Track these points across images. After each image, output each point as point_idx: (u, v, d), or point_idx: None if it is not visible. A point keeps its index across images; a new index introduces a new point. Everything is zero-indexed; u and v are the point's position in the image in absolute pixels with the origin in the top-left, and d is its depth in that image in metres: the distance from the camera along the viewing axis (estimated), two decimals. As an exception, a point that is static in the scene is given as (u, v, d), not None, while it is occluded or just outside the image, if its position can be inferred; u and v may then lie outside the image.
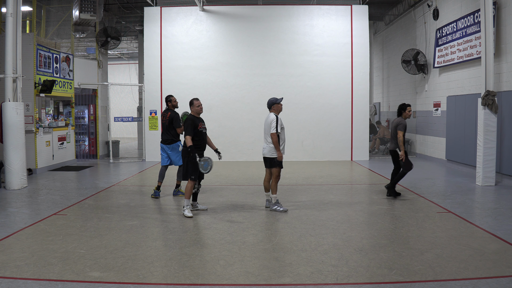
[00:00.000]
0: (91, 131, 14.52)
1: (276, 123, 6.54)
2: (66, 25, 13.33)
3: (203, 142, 6.69)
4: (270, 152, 6.69)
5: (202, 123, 6.66)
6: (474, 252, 4.71)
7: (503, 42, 9.37)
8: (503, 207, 6.88)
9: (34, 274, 4.16)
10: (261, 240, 5.24)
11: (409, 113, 7.74)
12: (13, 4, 8.71)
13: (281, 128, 6.66)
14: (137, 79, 20.77)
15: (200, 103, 6.67)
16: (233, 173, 11.05)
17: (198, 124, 6.56)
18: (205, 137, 6.74)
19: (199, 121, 6.61)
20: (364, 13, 13.64)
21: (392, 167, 8.06)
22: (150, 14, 13.77)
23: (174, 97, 8.25)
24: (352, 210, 6.88)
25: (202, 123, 6.67)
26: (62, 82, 12.46)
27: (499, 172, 9.30)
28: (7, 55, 8.75)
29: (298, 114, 13.70)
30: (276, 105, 6.73)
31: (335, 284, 3.93)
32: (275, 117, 6.59)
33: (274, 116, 6.61)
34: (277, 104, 6.73)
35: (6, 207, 7.19)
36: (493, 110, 8.67)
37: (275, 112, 6.73)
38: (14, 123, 8.76)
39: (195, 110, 6.64)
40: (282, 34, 13.68)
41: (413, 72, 13.59)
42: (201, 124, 6.63)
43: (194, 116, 6.62)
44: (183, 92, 13.60)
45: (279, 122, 6.59)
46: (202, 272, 4.22)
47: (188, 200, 6.48)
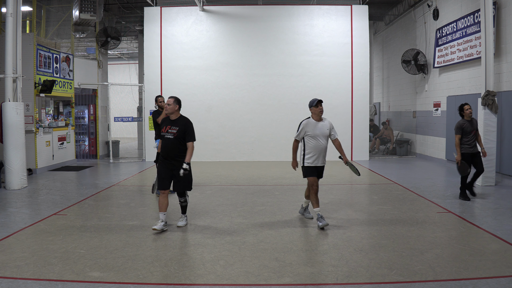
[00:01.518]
0: (91, 131, 14.52)
1: (298, 129, 5.92)
2: (66, 25, 13.33)
3: (166, 148, 5.63)
4: (300, 158, 6.07)
5: (170, 126, 5.65)
6: (474, 252, 4.71)
7: (503, 42, 9.37)
8: (503, 207, 6.88)
9: (34, 274, 4.16)
10: (261, 240, 5.24)
11: (468, 112, 7.39)
12: (13, 4, 8.71)
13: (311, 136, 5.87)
14: (137, 79, 20.77)
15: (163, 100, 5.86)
16: (233, 173, 11.05)
17: (163, 127, 5.70)
18: (168, 143, 5.61)
19: (167, 124, 5.70)
20: (364, 13, 13.63)
21: None
22: (150, 14, 13.77)
23: (161, 98, 8.00)
24: (352, 210, 6.88)
25: (171, 126, 5.65)
26: (62, 82, 12.46)
27: (499, 172, 9.30)
28: (7, 55, 8.75)
29: (298, 114, 13.60)
30: (312, 109, 5.92)
31: (335, 284, 3.93)
32: (301, 122, 5.94)
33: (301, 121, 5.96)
34: (313, 107, 5.90)
35: (6, 207, 7.19)
36: (493, 110, 8.67)
37: (312, 116, 5.96)
38: (14, 123, 8.76)
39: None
40: (282, 34, 13.68)
41: (413, 72, 13.59)
42: (168, 127, 5.65)
43: (167, 118, 5.80)
44: (183, 92, 13.61)
45: (304, 128, 5.87)
46: (202, 272, 4.22)
47: (161, 213, 5.67)
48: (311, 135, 5.87)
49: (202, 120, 13.64)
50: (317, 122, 5.93)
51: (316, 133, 5.88)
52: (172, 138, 5.57)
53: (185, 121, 5.70)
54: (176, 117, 5.72)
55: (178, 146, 5.59)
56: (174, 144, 5.57)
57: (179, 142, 5.59)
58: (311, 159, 5.95)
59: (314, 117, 5.96)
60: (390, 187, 8.84)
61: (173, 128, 5.60)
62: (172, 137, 5.57)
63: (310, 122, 5.93)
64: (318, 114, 5.93)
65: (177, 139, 5.57)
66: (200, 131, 13.57)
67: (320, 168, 6.06)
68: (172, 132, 5.58)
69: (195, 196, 8.06)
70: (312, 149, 5.91)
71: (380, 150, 15.80)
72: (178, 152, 5.60)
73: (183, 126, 5.63)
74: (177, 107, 5.71)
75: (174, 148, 5.58)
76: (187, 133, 5.62)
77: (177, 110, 5.72)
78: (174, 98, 5.74)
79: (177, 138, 5.57)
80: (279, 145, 13.68)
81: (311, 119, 5.96)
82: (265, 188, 8.87)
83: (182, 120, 5.71)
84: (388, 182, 9.46)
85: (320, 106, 5.91)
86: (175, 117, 5.71)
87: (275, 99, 13.69)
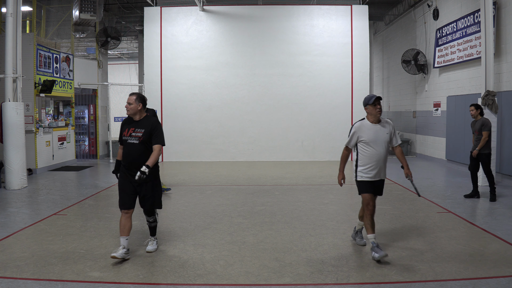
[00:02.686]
0: (91, 131, 14.52)
1: (349, 134, 4.79)
2: (66, 25, 13.33)
3: (129, 156, 4.64)
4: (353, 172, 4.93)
5: (134, 129, 4.65)
6: (474, 252, 4.71)
7: (503, 42, 9.37)
8: (503, 207, 6.88)
9: (34, 274, 4.16)
10: (261, 240, 5.24)
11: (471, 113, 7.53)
12: (13, 4, 8.71)
13: (366, 143, 4.68)
14: (137, 79, 20.77)
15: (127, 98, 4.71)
16: (233, 173, 11.05)
17: (125, 130, 4.71)
18: (132, 150, 4.60)
19: (129, 126, 4.70)
20: (364, 13, 13.63)
21: None
22: (150, 14, 13.77)
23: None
24: (352, 210, 6.87)
25: (134, 128, 4.66)
26: (62, 82, 12.46)
27: (499, 172, 9.30)
28: (7, 55, 8.74)
29: (298, 114, 13.70)
30: (369, 108, 4.70)
31: (335, 284, 3.93)
32: (353, 124, 4.86)
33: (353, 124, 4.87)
34: (369, 105, 4.69)
35: (6, 207, 7.19)
36: (493, 110, 8.66)
37: (368, 117, 4.77)
38: (14, 123, 8.76)
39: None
40: (282, 34, 13.68)
41: (413, 72, 13.59)
42: (131, 130, 4.66)
43: (129, 118, 4.79)
44: (183, 92, 13.64)
45: (356, 133, 4.71)
46: (202, 272, 4.22)
47: (122, 238, 4.60)
48: (365, 141, 4.68)
49: (202, 120, 13.65)
50: (373, 124, 4.70)
51: (372, 138, 4.66)
52: (136, 143, 4.59)
53: (152, 122, 4.72)
54: (140, 118, 4.74)
55: (144, 152, 4.60)
56: (139, 150, 4.58)
57: (145, 147, 4.61)
58: (367, 171, 4.74)
59: (370, 118, 4.73)
60: (390, 187, 8.84)
61: (137, 131, 4.64)
62: (136, 141, 4.60)
63: (365, 124, 4.72)
64: (376, 114, 4.67)
65: (143, 143, 4.60)
66: (200, 131, 13.70)
67: (379, 183, 4.82)
68: (137, 135, 4.62)
69: (195, 196, 8.06)
70: (368, 159, 4.71)
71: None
72: (143, 161, 4.55)
73: (149, 127, 4.66)
74: (140, 106, 4.68)
75: (139, 155, 4.58)
76: (155, 135, 4.65)
77: (141, 110, 4.71)
78: (136, 96, 4.71)
79: (143, 143, 4.60)
80: (279, 145, 13.69)
81: (366, 120, 4.76)
82: (265, 188, 8.87)
83: (147, 120, 4.73)
84: (388, 182, 9.42)
85: (378, 104, 4.66)
86: (139, 118, 4.73)
87: (275, 99, 13.69)
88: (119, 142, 4.81)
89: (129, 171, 4.63)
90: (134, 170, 4.55)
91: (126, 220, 4.66)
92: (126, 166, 4.66)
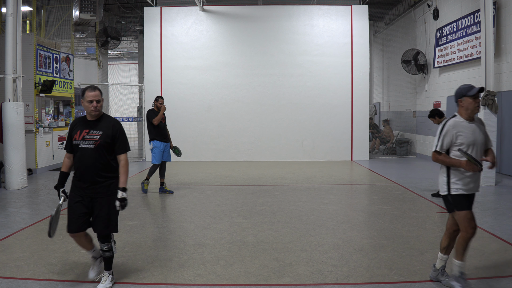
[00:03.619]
0: (91, 131, 14.49)
1: (440, 135, 3.78)
2: (66, 25, 13.33)
3: (81, 166, 3.73)
4: (441, 184, 3.89)
5: (88, 131, 3.75)
6: (474, 252, 4.71)
7: (503, 42, 9.37)
8: (503, 207, 6.88)
9: (34, 274, 4.16)
10: (261, 240, 5.24)
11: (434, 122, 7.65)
12: (13, 4, 8.71)
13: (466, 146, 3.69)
14: (137, 79, 20.78)
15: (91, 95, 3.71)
16: (233, 173, 11.05)
17: (76, 133, 3.77)
18: (86, 157, 3.70)
19: (82, 127, 3.78)
20: (364, 13, 13.64)
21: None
22: (150, 14, 13.77)
23: (162, 100, 8.24)
24: (352, 210, 6.88)
25: (89, 130, 3.75)
26: (62, 82, 12.46)
27: (499, 172, 9.30)
28: (7, 55, 8.75)
29: (298, 114, 13.70)
30: (466, 100, 3.73)
31: (335, 284, 3.93)
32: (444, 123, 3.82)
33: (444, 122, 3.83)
34: (468, 97, 3.72)
35: (6, 207, 7.19)
36: (493, 110, 8.67)
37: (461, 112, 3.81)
38: (14, 123, 8.76)
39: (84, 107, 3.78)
40: (282, 34, 13.68)
41: (413, 72, 13.59)
42: (85, 132, 3.74)
43: (81, 119, 3.87)
44: (183, 92, 13.63)
45: (450, 132, 3.73)
46: (202, 272, 4.22)
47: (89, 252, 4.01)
48: (463, 144, 3.70)
49: (202, 120, 13.66)
50: (469, 123, 3.76)
51: (471, 140, 3.71)
52: (91, 148, 3.69)
53: (112, 123, 3.82)
54: (97, 117, 3.80)
55: (100, 161, 3.71)
56: (94, 158, 3.69)
57: (101, 154, 3.71)
58: (466, 182, 3.76)
59: (465, 114, 3.78)
60: (390, 187, 8.84)
61: (92, 133, 3.72)
62: (91, 146, 3.69)
63: (460, 123, 3.76)
64: (474, 110, 3.74)
65: (99, 149, 3.70)
66: (200, 131, 13.70)
67: (473, 197, 3.91)
68: (92, 138, 3.70)
69: (195, 196, 8.06)
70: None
71: (380, 150, 15.81)
72: (101, 171, 3.72)
73: (110, 129, 3.76)
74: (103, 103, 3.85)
75: (94, 164, 3.70)
76: (118, 141, 3.78)
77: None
78: (99, 90, 3.82)
79: (99, 149, 3.70)
80: (279, 145, 13.69)
81: (459, 118, 3.80)
82: (265, 188, 8.87)
83: (106, 121, 3.81)
84: (388, 182, 9.46)
85: (478, 98, 3.77)
86: (95, 117, 3.79)
87: (275, 99, 13.69)
88: (65, 148, 3.88)
89: (81, 183, 3.73)
90: (88, 184, 3.71)
91: (81, 239, 3.87)
92: (78, 177, 3.76)
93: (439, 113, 7.66)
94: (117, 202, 3.71)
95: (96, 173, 3.71)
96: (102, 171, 3.73)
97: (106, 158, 3.75)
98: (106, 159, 3.75)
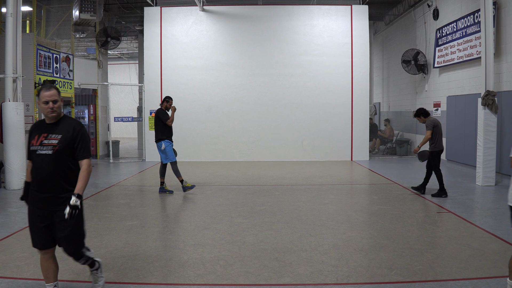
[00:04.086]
0: (91, 131, 14.52)
1: None
2: (66, 25, 13.33)
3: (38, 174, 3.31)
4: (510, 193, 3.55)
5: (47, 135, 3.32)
6: (474, 252, 4.71)
7: (503, 42, 9.37)
8: (503, 207, 6.87)
9: (34, 274, 4.16)
10: (261, 240, 5.24)
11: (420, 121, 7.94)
12: (13, 4, 8.71)
13: None
14: (137, 79, 20.78)
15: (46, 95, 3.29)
16: (233, 173, 11.05)
17: (34, 138, 3.36)
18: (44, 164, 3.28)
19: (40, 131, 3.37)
20: (364, 13, 13.64)
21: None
22: (150, 14, 13.77)
23: (171, 101, 8.36)
24: (352, 210, 6.88)
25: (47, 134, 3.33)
26: (62, 82, 12.46)
27: (499, 172, 9.30)
28: (7, 55, 8.75)
29: (298, 114, 13.70)
30: None
31: (335, 284, 3.93)
32: None
33: None
34: None
35: (6, 207, 7.19)
36: (493, 110, 8.66)
37: None
38: (14, 123, 8.76)
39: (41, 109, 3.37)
40: (282, 34, 13.69)
41: (413, 72, 13.59)
42: (43, 136, 3.32)
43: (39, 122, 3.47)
44: (183, 92, 13.63)
45: None
46: (202, 272, 4.22)
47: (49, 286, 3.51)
48: None
49: (202, 120, 13.66)
50: None
51: None
52: (49, 154, 3.27)
53: (73, 125, 3.39)
54: (55, 119, 3.38)
55: (61, 168, 3.30)
56: (53, 165, 3.27)
57: (61, 161, 3.30)
58: None
59: None
60: (390, 187, 8.84)
61: (51, 138, 3.30)
62: (50, 152, 3.27)
63: None
64: None
65: (59, 155, 3.28)
66: (200, 131, 13.70)
67: None
68: (50, 143, 3.28)
69: (195, 196, 8.06)
70: None
71: (380, 150, 15.81)
72: (62, 180, 3.32)
73: (70, 132, 3.34)
74: (62, 102, 3.45)
75: (53, 173, 3.28)
76: (80, 144, 3.36)
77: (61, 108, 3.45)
78: (56, 89, 3.39)
79: (59, 154, 3.28)
80: (279, 145, 13.69)
81: None
82: (265, 188, 8.87)
83: (67, 123, 3.39)
84: (388, 182, 9.46)
85: None
86: (54, 120, 3.38)
87: (275, 99, 13.69)
88: (27, 157, 3.43)
89: (41, 194, 3.31)
90: (48, 194, 3.29)
91: (48, 262, 3.45)
92: (36, 187, 3.33)
93: (424, 113, 7.92)
94: (67, 208, 3.17)
95: (56, 183, 3.29)
96: (63, 180, 3.31)
97: (68, 165, 3.32)
98: (67, 166, 3.32)
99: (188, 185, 8.18)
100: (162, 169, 8.29)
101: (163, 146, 8.04)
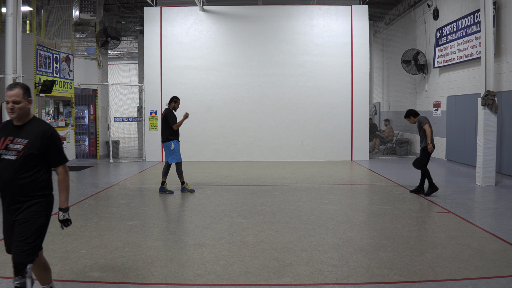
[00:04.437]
0: (91, 131, 14.52)
1: None
2: (66, 25, 13.33)
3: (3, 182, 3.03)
4: None
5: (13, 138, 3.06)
6: (474, 252, 4.71)
7: (503, 42, 9.37)
8: (503, 207, 6.88)
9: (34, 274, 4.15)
10: (261, 240, 5.24)
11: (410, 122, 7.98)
12: (13, 4, 8.70)
13: None
14: (137, 79, 20.78)
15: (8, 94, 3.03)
16: (233, 173, 11.05)
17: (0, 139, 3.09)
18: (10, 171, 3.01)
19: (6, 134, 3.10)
20: (364, 13, 13.64)
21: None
22: (150, 14, 13.77)
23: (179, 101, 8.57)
24: (352, 210, 6.88)
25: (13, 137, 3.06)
26: (62, 82, 12.47)
27: (499, 172, 9.30)
28: (7, 55, 8.74)
29: (298, 114, 13.70)
30: None
31: (335, 284, 3.93)
32: None
33: None
34: None
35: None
36: (493, 110, 8.66)
37: None
38: (14, 123, 8.75)
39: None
40: (282, 34, 13.69)
41: (413, 72, 13.59)
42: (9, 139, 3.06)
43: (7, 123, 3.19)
44: (183, 92, 13.61)
45: None
46: (202, 272, 4.22)
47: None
48: None
49: (202, 120, 13.65)
50: None
51: None
52: (13, 160, 3.01)
53: (42, 129, 3.10)
54: (24, 122, 3.13)
55: (23, 176, 3.02)
56: (14, 172, 3.00)
57: (25, 168, 3.03)
58: None
59: None
60: (390, 187, 8.84)
61: (16, 142, 3.04)
62: (13, 158, 3.01)
63: None
64: None
65: (23, 162, 3.02)
66: (200, 131, 13.69)
67: None
68: (16, 148, 3.02)
69: (196, 196, 8.06)
70: None
71: (380, 150, 15.81)
72: (24, 189, 3.04)
73: (39, 138, 3.07)
74: (30, 103, 3.15)
75: (14, 180, 3.01)
76: (51, 151, 3.12)
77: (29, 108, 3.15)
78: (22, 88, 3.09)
79: (23, 161, 3.02)
80: (279, 145, 13.69)
81: None
82: (265, 188, 8.87)
83: (35, 126, 3.12)
84: (388, 182, 9.46)
85: None
86: (22, 122, 3.12)
87: (275, 99, 13.70)
88: None
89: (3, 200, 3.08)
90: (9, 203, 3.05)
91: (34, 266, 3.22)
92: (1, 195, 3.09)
93: (414, 113, 7.99)
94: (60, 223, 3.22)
95: (17, 191, 3.01)
96: (25, 189, 3.02)
97: (33, 172, 3.05)
98: (32, 174, 3.04)
99: (188, 188, 8.27)
100: (166, 169, 8.30)
101: (173, 146, 8.12)
